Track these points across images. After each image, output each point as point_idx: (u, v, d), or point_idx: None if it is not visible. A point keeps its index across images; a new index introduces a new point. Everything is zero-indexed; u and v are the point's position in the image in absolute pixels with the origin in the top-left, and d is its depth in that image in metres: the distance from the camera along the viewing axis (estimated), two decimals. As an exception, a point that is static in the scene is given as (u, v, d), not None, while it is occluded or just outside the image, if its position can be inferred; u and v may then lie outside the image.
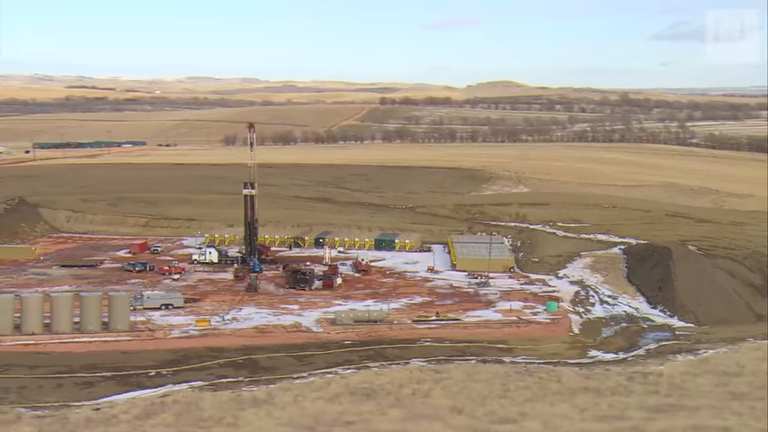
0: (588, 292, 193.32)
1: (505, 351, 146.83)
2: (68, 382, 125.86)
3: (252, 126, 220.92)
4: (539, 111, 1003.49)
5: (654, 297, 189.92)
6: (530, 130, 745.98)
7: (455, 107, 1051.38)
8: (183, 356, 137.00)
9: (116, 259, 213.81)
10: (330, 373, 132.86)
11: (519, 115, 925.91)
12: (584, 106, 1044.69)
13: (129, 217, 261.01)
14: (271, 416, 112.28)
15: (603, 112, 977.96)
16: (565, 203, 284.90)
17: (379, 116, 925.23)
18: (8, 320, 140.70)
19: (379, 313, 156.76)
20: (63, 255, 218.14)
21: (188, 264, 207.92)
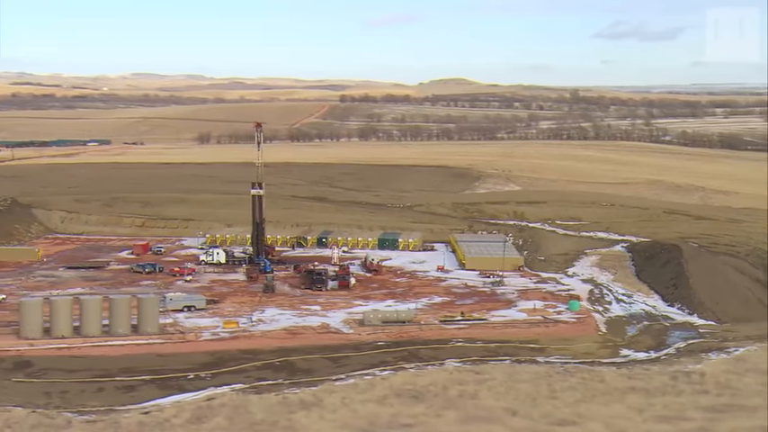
0: (602, 290, 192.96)
1: (538, 351, 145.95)
2: (109, 386, 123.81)
3: (259, 125, 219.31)
4: (498, 108, 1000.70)
5: (669, 295, 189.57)
6: (499, 128, 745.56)
7: (415, 104, 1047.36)
8: (218, 359, 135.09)
9: (120, 260, 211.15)
10: (368, 375, 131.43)
11: (479, 113, 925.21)
12: (542, 104, 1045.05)
13: (124, 217, 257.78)
14: (324, 419, 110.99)
15: (561, 110, 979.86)
16: (562, 201, 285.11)
17: (340, 114, 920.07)
18: (38, 324, 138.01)
19: (407, 314, 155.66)
20: (65, 256, 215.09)
21: (195, 264, 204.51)
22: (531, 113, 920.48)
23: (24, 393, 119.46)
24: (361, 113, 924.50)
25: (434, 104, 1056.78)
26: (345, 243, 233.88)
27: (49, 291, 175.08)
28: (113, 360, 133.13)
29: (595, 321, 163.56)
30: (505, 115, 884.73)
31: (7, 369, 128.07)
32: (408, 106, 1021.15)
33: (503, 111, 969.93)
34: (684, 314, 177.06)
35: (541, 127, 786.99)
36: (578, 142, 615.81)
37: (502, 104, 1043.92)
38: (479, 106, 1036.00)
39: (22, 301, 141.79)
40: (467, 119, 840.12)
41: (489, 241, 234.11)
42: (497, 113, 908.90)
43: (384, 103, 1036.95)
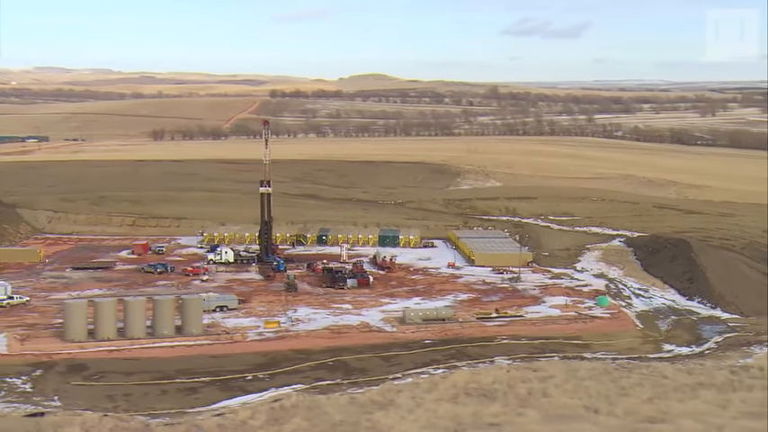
0: (617, 285, 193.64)
1: (582, 347, 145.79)
2: (171, 388, 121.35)
3: (266, 122, 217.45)
4: (429, 104, 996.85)
5: (686, 289, 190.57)
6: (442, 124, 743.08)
7: (346, 100, 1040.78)
8: (272, 359, 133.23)
9: (123, 260, 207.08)
10: (423, 374, 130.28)
11: (411, 108, 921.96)
12: (471, 99, 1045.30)
13: (114, 216, 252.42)
14: (405, 419, 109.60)
15: (491, 106, 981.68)
16: (553, 197, 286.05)
17: (273, 109, 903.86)
18: (83, 326, 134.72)
19: (446, 311, 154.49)
20: (64, 256, 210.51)
21: (203, 264, 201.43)
22: (464, 109, 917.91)
23: (87, 397, 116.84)
24: (294, 109, 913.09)
25: (366, 100, 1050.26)
26: (347, 240, 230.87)
27: (68, 292, 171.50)
28: (168, 362, 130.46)
29: (630, 317, 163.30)
30: (439, 111, 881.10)
31: (62, 372, 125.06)
32: (341, 102, 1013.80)
33: (435, 107, 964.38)
34: (707, 308, 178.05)
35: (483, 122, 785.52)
36: (535, 138, 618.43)
37: (432, 100, 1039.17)
38: (410, 102, 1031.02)
39: (66, 303, 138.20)
40: (402, 114, 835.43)
41: (491, 237, 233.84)
42: (432, 109, 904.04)
43: (316, 99, 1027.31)
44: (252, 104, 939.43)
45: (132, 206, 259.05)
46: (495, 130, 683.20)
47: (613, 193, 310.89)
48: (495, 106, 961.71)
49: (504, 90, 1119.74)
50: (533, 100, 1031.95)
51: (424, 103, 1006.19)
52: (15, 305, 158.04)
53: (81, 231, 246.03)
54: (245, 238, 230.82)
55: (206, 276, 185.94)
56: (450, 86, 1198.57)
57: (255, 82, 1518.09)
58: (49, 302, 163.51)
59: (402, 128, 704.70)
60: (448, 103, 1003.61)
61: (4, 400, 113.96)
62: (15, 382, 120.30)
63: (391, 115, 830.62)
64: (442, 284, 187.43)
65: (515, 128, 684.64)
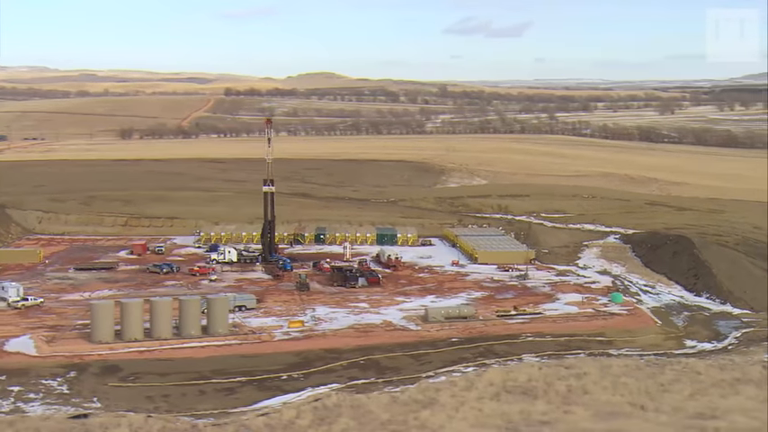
0: (623, 281, 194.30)
1: (606, 344, 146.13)
2: (209, 389, 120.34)
3: (269, 121, 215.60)
4: (384, 102, 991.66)
5: (693, 285, 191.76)
6: (405, 122, 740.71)
7: (302, 98, 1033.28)
8: (304, 359, 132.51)
9: (123, 261, 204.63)
10: (456, 372, 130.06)
11: (369, 107, 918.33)
12: (427, 98, 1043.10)
13: (105, 216, 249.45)
14: (453, 417, 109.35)
15: (447, 104, 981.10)
16: (545, 194, 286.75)
17: (229, 108, 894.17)
18: (110, 327, 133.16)
19: (468, 309, 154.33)
20: (61, 257, 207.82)
21: (205, 263, 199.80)
22: (422, 108, 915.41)
23: (126, 398, 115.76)
24: (250, 107, 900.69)
25: (322, 98, 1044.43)
26: (345, 239, 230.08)
27: (79, 293, 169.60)
28: (201, 362, 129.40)
29: (648, 313, 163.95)
30: (397, 109, 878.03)
31: (97, 374, 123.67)
32: (297, 100, 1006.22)
33: (392, 105, 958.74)
34: (716, 304, 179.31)
35: (450, 121, 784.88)
36: (505, 136, 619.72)
37: (388, 99, 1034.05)
38: (366, 100, 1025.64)
39: (93, 304, 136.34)
40: (360, 113, 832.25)
41: (490, 235, 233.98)
42: (390, 108, 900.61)
43: (271, 97, 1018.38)
44: (206, 102, 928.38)
45: (123, 206, 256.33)
46: (467, 128, 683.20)
47: (603, 190, 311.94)
48: (452, 105, 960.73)
49: (453, 89, 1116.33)
50: (487, 98, 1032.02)
51: (379, 101, 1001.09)
52: (30, 306, 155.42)
53: (72, 231, 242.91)
54: (243, 237, 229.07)
55: (214, 276, 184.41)
56: (400, 85, 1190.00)
57: (201, 80, 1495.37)
58: (62, 304, 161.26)
59: (372, 126, 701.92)
60: (403, 101, 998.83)
61: (43, 402, 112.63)
62: (51, 384, 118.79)
63: (349, 113, 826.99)
64: (452, 282, 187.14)
65: (486, 126, 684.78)
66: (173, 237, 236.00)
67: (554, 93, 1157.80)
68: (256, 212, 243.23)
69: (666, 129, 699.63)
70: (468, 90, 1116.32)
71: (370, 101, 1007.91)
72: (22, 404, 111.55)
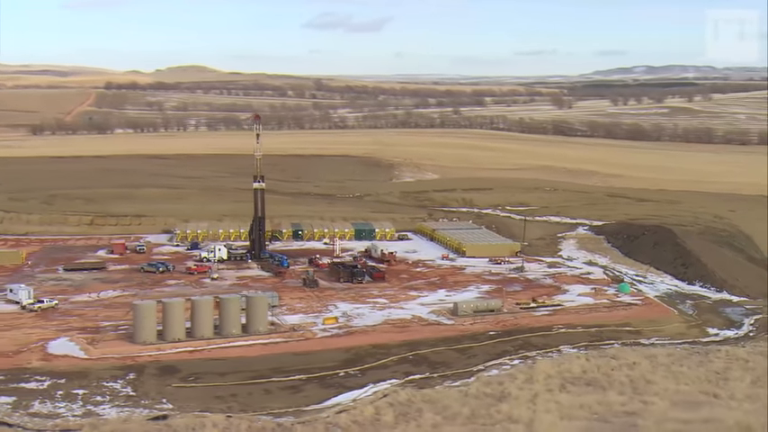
0: (614, 272, 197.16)
1: (635, 333, 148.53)
2: (273, 387, 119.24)
3: (258, 117, 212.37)
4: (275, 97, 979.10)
5: (683, 274, 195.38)
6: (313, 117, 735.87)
7: (186, 92, 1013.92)
8: (355, 355, 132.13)
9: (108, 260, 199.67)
10: (505, 365, 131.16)
11: (260, 101, 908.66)
12: (314, 93, 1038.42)
13: (69, 215, 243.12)
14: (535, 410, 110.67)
15: (335, 99, 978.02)
16: (507, 188, 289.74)
17: (113, 101, 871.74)
18: (153, 328, 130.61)
19: (495, 302, 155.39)
20: (41, 258, 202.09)
21: (196, 262, 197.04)
22: (314, 102, 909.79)
23: (194, 398, 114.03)
24: (136, 102, 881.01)
25: (207, 92, 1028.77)
26: (324, 235, 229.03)
27: (86, 294, 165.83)
28: (255, 361, 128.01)
29: (662, 303, 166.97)
30: (290, 104, 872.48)
31: (155, 375, 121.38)
32: (182, 94, 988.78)
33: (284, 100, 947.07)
34: (712, 292, 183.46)
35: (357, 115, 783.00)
36: (428, 130, 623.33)
37: (276, 93, 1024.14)
38: (254, 95, 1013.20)
39: (135, 304, 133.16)
40: (252, 107, 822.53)
41: (467, 229, 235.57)
42: (282, 102, 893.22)
43: (154, 91, 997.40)
44: (88, 97, 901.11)
45: (86, 204, 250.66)
46: (387, 123, 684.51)
47: (550, 182, 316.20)
48: (341, 99, 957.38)
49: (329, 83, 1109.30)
50: (373, 93, 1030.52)
51: (267, 95, 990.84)
52: (46, 309, 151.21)
53: (36, 232, 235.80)
54: (219, 234, 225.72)
55: (216, 275, 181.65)
56: (274, 79, 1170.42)
57: (57, 72, 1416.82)
58: (76, 305, 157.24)
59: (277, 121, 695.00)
60: (291, 95, 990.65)
61: (113, 404, 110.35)
62: (114, 387, 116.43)
63: (242, 108, 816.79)
64: (453, 276, 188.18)
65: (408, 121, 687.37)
66: (144, 235, 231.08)
67: (436, 88, 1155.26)
68: (223, 209, 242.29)
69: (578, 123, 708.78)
70: (351, 85, 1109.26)
71: (258, 95, 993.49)
72: (92, 407, 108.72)
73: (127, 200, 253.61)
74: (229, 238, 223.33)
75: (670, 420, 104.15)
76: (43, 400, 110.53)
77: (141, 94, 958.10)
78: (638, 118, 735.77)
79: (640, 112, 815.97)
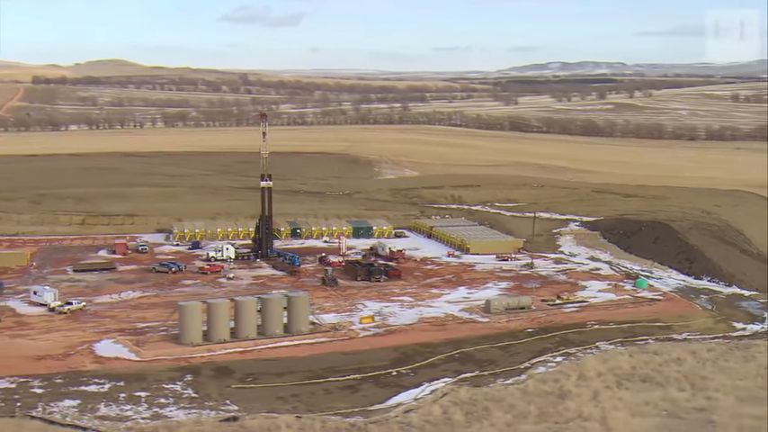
0: (620, 267, 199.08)
1: (666, 329, 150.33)
2: (332, 387, 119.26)
3: (264, 115, 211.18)
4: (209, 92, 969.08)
5: (689, 269, 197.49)
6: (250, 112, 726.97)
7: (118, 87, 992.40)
8: (403, 354, 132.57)
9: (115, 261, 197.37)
10: (549, 362, 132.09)
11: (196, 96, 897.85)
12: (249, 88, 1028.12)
13: (60, 215, 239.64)
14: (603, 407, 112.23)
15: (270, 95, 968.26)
16: (495, 184, 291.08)
17: (43, 96, 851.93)
18: (199, 329, 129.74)
19: (526, 300, 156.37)
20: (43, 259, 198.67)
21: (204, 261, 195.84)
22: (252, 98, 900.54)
23: (257, 399, 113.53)
24: (67, 97, 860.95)
25: (139, 87, 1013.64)
26: (322, 233, 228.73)
27: (108, 295, 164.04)
28: (306, 361, 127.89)
29: (683, 299, 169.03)
30: (228, 99, 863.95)
31: (212, 376, 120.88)
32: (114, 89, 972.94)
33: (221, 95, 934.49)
34: (722, 286, 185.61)
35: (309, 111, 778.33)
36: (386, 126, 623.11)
37: (210, 88, 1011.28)
38: (187, 90, 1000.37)
39: (181, 305, 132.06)
40: (189, 102, 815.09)
41: (465, 225, 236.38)
42: (219, 98, 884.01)
43: (85, 86, 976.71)
44: (16, 92, 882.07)
45: (77, 204, 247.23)
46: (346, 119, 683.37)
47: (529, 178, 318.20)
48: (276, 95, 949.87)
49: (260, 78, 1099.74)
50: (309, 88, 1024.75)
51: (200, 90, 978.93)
52: (74, 310, 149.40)
53: (28, 232, 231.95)
54: (218, 233, 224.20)
55: (232, 274, 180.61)
56: (199, 74, 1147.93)
57: None
58: (103, 306, 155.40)
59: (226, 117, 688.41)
60: (226, 91, 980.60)
61: (179, 406, 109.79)
62: (175, 388, 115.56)
63: (179, 103, 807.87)
64: (467, 273, 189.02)
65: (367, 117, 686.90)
66: (140, 235, 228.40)
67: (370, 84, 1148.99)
68: (216, 208, 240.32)
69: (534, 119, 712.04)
70: (284, 80, 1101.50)
71: (191, 90, 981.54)
72: (158, 410, 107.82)
73: (117, 199, 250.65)
74: (228, 237, 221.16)
75: (745, 416, 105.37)
76: (108, 403, 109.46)
77: (72, 89, 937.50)
78: (588, 114, 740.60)
79: (587, 108, 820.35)
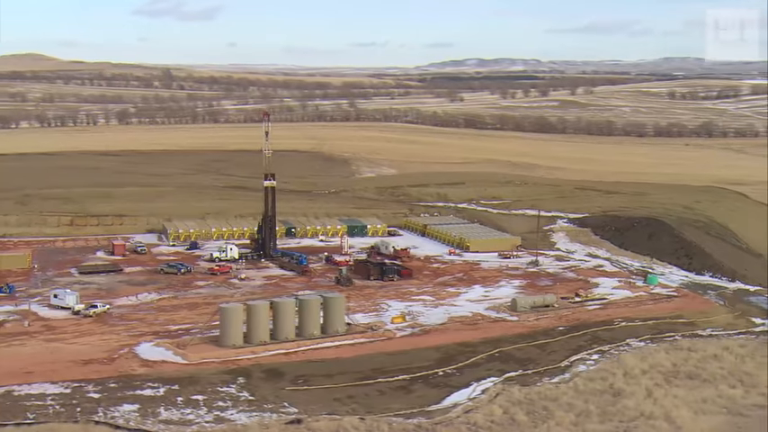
0: (621, 264, 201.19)
1: (689, 325, 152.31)
2: (384, 388, 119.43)
3: (267, 114, 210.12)
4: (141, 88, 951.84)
5: (689, 265, 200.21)
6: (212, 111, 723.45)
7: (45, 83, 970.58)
8: (446, 354, 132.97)
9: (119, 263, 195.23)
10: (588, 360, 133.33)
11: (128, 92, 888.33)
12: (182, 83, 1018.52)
13: (48, 216, 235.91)
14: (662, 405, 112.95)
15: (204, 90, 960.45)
16: (480, 182, 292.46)
17: None
18: (240, 331, 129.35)
19: (550, 298, 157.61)
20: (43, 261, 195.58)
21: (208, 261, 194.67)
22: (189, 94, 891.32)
23: (314, 401, 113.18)
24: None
25: (67, 83, 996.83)
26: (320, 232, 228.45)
27: (126, 297, 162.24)
28: (352, 361, 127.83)
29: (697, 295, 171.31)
30: (164, 95, 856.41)
31: (263, 378, 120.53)
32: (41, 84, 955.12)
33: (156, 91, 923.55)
34: (726, 282, 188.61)
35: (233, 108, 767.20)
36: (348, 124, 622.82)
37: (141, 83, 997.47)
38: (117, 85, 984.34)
39: (223, 307, 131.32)
40: (123, 98, 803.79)
41: (459, 223, 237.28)
42: (155, 94, 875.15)
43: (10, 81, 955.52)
44: None
45: (64, 204, 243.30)
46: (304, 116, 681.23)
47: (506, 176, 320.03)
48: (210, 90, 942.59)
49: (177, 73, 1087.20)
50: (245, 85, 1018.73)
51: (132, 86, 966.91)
52: (100, 314, 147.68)
53: (15, 233, 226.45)
54: (212, 233, 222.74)
55: (243, 275, 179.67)
56: (120, 69, 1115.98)
57: None
58: (125, 309, 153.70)
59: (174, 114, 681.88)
60: (158, 86, 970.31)
61: (238, 409, 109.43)
62: (230, 391, 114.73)
63: (112, 99, 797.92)
64: (476, 272, 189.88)
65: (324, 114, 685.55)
66: (132, 235, 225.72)
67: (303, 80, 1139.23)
68: (205, 207, 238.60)
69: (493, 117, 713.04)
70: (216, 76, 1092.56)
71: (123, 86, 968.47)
72: (219, 413, 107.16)
73: (105, 199, 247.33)
74: (223, 237, 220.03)
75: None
76: (167, 407, 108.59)
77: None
78: (535, 111, 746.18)
79: (533, 105, 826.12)
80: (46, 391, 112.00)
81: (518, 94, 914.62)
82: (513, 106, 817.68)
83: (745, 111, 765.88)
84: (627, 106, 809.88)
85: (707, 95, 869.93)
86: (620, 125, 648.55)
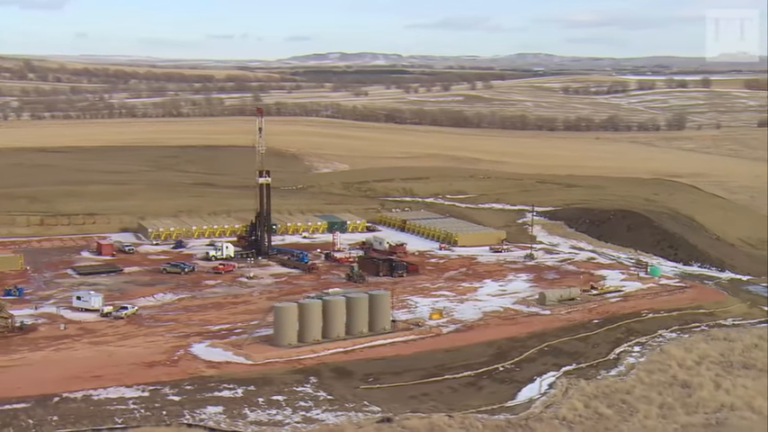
0: (608, 256, 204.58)
1: (710, 315, 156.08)
2: (456, 385, 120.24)
3: (260, 111, 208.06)
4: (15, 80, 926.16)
5: (674, 256, 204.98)
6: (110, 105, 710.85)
7: None
8: (499, 349, 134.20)
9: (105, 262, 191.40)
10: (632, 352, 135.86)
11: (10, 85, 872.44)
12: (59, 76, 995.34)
13: (16, 216, 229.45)
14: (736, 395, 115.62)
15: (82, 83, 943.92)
16: (443, 176, 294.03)
17: None
18: (294, 330, 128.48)
19: (574, 291, 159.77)
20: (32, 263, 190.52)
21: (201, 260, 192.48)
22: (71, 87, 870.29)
23: (391, 399, 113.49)
24: None
25: None
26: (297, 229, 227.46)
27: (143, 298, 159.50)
28: (414, 359, 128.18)
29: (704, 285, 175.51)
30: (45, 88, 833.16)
31: (333, 377, 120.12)
32: None
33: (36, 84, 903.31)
34: (716, 271, 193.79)
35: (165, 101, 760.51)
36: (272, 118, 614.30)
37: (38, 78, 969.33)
38: None
39: (277, 306, 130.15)
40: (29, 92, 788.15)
41: (436, 218, 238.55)
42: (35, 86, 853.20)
43: None
44: None
45: (31, 203, 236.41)
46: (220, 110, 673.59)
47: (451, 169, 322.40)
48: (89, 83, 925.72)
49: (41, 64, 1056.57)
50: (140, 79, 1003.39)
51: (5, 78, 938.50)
52: (130, 315, 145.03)
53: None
54: (193, 231, 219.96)
55: (252, 273, 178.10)
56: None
57: None
58: (152, 310, 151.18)
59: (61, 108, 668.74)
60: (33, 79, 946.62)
61: (322, 409, 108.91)
62: (307, 391, 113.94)
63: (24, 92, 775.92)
64: (477, 267, 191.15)
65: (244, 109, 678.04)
66: (106, 234, 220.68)
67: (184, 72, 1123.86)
68: (177, 205, 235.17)
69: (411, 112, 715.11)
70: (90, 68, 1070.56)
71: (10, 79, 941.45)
72: (305, 413, 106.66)
73: (73, 197, 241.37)
74: (204, 235, 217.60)
75: None
76: (252, 408, 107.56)
77: None
78: (441, 105, 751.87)
79: (440, 100, 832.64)
80: (124, 394, 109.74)
81: (421, 90, 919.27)
82: (419, 101, 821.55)
83: (636, 105, 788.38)
84: (528, 101, 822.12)
85: (598, 90, 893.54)
86: (531, 119, 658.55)
